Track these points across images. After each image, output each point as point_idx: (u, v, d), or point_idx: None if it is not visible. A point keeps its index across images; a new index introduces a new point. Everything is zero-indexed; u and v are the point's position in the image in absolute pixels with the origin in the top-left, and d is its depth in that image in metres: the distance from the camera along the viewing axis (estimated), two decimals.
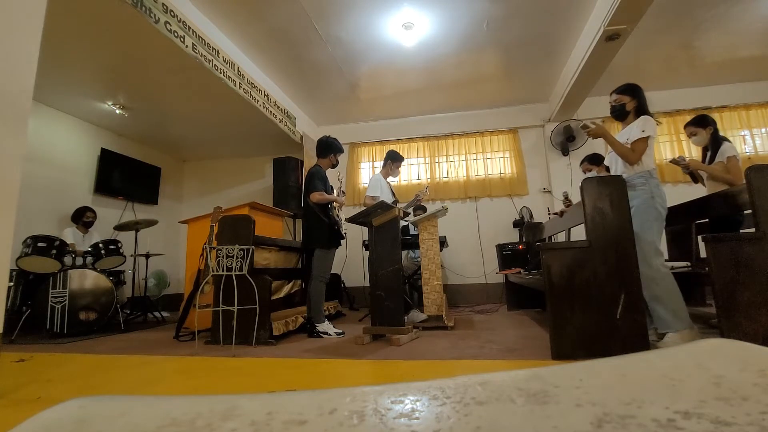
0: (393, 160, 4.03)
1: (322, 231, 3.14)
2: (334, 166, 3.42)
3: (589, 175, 3.75)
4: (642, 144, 2.25)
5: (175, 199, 6.18)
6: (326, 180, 3.27)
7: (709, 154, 2.86)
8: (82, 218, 4.17)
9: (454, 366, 2.04)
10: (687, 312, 2.09)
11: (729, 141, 2.85)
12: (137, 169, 5.29)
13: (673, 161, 2.97)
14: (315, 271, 3.09)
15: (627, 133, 2.38)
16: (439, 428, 0.23)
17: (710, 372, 0.28)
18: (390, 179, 3.97)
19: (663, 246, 2.31)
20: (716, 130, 2.87)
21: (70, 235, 4.01)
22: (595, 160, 3.79)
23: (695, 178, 3.02)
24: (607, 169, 3.63)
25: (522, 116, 5.39)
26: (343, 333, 3.06)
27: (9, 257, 1.74)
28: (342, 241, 3.32)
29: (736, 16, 3.66)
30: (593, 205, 2.10)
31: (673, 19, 3.65)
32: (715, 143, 2.82)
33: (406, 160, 5.58)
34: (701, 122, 2.89)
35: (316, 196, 3.15)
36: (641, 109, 2.36)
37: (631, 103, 2.38)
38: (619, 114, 2.43)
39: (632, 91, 2.40)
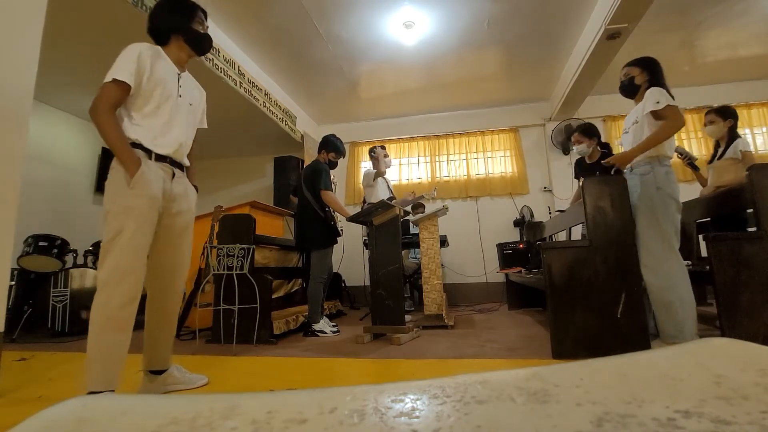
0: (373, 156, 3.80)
1: (317, 231, 3.10)
2: (330, 164, 3.31)
3: (577, 148, 3.03)
4: (670, 111, 1.93)
5: None
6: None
7: (721, 149, 2.72)
8: (194, 19, 1.78)
9: (455, 365, 2.04)
10: (695, 324, 1.91)
11: (741, 137, 2.76)
12: None
13: (676, 150, 2.76)
14: (313, 273, 3.09)
15: (635, 114, 2.13)
16: (439, 427, 0.23)
17: (711, 371, 0.28)
18: (390, 177, 3.95)
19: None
20: (736, 125, 2.74)
21: (143, 53, 1.53)
22: (587, 132, 3.03)
23: (695, 167, 2.89)
24: (604, 146, 3.02)
25: (523, 115, 5.38)
26: (337, 326, 3.14)
27: (10, 256, 1.74)
28: (339, 239, 3.27)
29: (737, 15, 3.65)
30: (594, 204, 2.10)
31: (674, 17, 3.64)
32: (730, 138, 2.70)
33: (407, 159, 5.62)
34: (723, 112, 2.74)
35: (330, 196, 3.10)
36: (654, 84, 2.07)
37: (641, 76, 2.12)
38: (628, 89, 2.16)
39: (644, 63, 2.14)
